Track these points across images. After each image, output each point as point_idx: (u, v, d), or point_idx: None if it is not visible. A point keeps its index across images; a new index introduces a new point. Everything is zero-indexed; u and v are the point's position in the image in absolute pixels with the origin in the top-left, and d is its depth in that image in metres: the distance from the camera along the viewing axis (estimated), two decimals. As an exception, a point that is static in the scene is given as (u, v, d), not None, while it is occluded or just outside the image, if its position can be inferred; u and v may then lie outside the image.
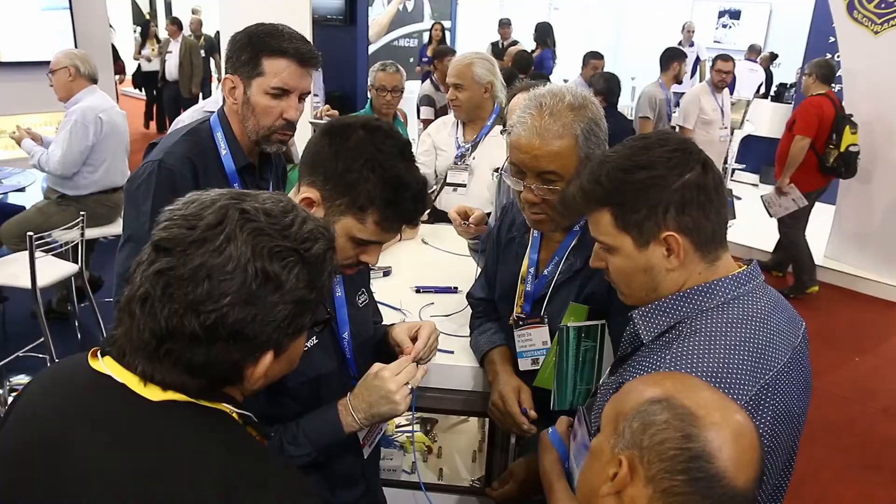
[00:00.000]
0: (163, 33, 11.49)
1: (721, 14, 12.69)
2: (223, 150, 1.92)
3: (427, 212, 3.46)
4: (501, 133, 2.76)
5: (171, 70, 10.05)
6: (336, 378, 1.55)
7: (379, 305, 2.38)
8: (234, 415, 0.97)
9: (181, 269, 0.88)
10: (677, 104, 6.74)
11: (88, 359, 0.97)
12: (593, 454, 1.03)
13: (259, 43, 1.83)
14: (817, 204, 5.61)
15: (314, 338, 1.48)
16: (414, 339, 1.58)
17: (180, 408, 0.91)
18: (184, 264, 0.88)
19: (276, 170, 2.12)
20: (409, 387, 1.44)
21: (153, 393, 0.91)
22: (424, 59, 9.72)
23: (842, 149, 5.34)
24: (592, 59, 7.43)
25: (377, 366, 1.47)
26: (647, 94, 6.27)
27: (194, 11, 13.55)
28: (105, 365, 0.94)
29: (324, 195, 1.38)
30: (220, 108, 1.96)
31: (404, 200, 1.37)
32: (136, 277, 0.91)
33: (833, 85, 5.80)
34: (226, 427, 0.95)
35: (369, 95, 4.03)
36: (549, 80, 4.20)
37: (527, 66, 7.12)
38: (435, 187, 3.32)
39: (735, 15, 12.60)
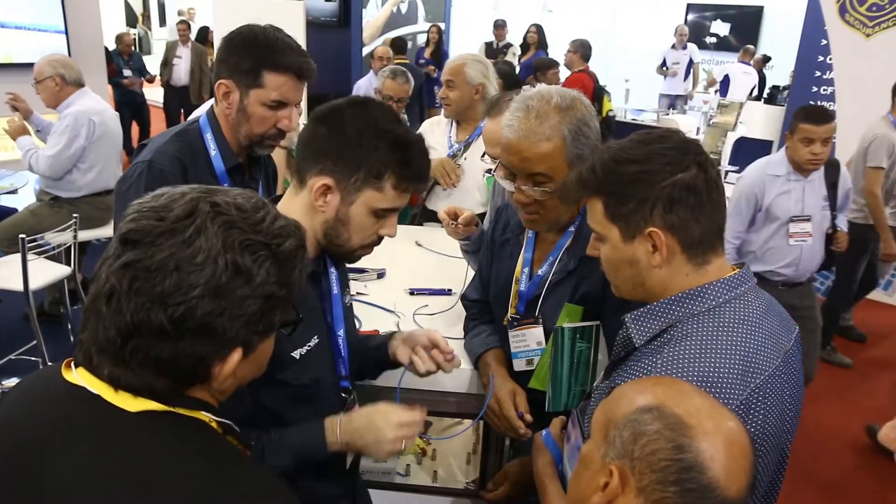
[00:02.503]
0: (160, 34, 11.21)
1: (714, 18, 12.74)
2: (212, 150, 1.92)
3: (417, 213, 3.48)
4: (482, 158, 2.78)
5: (181, 75, 9.70)
6: (330, 378, 1.55)
7: (372, 307, 2.39)
8: (214, 424, 0.95)
9: (148, 261, 0.85)
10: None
11: (62, 370, 0.93)
12: (583, 462, 1.02)
13: (261, 55, 1.82)
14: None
15: (315, 337, 1.47)
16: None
17: (158, 418, 0.89)
18: (151, 256, 0.85)
19: (266, 170, 2.13)
20: (403, 444, 1.43)
21: (128, 402, 0.88)
22: (422, 61, 9.74)
23: (603, 114, 6.48)
24: None
25: (387, 407, 1.46)
26: (881, 138, 4.39)
27: (180, 13, 13.47)
28: (79, 376, 0.91)
29: (337, 178, 1.38)
30: (210, 109, 1.96)
31: (414, 157, 1.40)
32: (101, 274, 0.88)
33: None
34: (205, 437, 0.93)
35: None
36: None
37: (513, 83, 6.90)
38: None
39: (727, 18, 12.65)
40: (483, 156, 2.65)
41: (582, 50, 7.24)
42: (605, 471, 0.95)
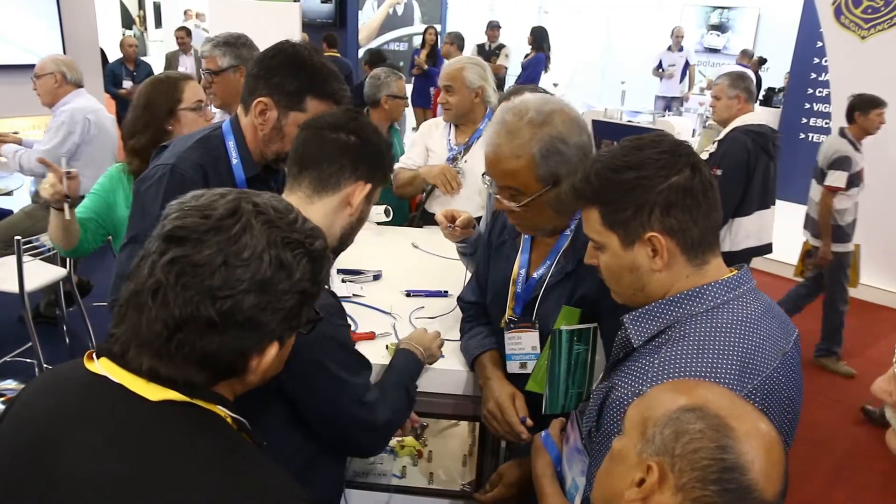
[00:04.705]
0: (156, 36, 10.92)
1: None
2: (234, 159, 1.92)
3: (416, 216, 3.47)
4: None
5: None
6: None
7: (369, 309, 2.38)
8: (229, 419, 0.97)
9: (196, 256, 0.90)
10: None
11: (84, 361, 0.97)
12: (615, 458, 1.02)
13: (308, 80, 1.84)
14: (805, 207, 5.61)
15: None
16: None
17: (178, 408, 0.91)
18: (199, 251, 0.90)
19: (279, 178, 2.14)
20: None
21: (150, 392, 0.91)
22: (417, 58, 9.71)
23: None
24: None
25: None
26: None
27: (195, 15, 13.28)
28: (101, 366, 0.94)
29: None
30: (234, 117, 1.96)
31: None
32: (143, 270, 0.92)
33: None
34: (220, 430, 0.95)
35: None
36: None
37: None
38: (426, 189, 3.32)
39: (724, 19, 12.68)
40: None
41: (458, 41, 8.50)
42: (642, 467, 0.95)
